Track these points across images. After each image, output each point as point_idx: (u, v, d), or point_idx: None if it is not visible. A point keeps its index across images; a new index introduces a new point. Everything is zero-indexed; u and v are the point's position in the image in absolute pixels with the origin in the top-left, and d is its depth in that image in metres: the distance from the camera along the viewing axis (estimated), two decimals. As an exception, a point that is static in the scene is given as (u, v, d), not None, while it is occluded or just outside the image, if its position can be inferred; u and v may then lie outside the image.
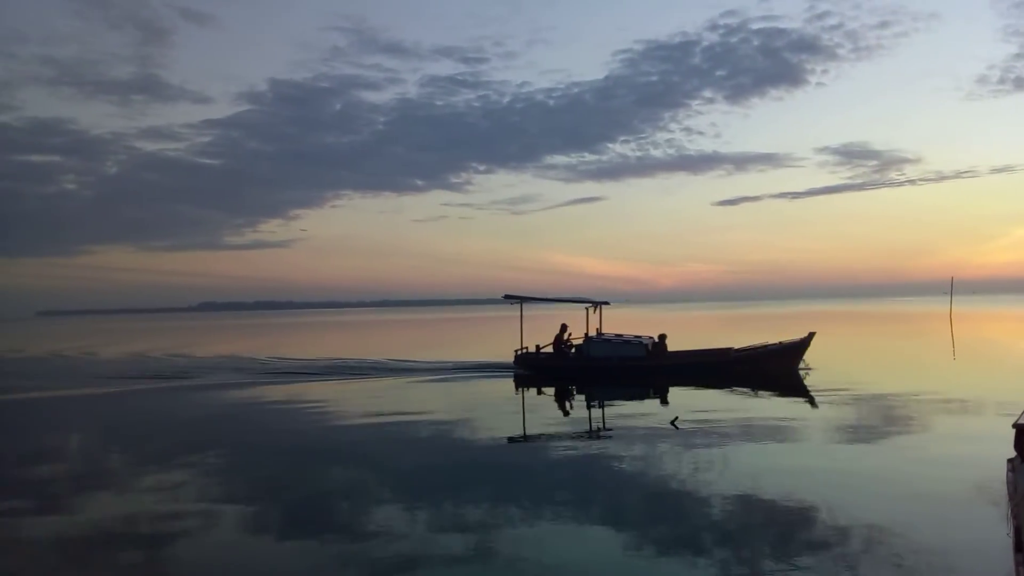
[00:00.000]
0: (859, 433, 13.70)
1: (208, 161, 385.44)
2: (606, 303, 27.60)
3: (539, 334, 27.15)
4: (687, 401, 18.70)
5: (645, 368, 24.34)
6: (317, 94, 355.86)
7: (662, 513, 8.82)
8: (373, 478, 11.25)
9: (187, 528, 8.74)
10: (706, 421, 15.10)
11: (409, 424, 16.02)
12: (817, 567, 6.80)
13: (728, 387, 21.11)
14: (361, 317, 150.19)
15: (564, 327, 26.13)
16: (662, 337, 25.65)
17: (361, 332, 74.58)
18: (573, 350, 25.80)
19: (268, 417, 18.51)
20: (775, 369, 23.73)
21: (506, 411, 18.57)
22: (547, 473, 11.37)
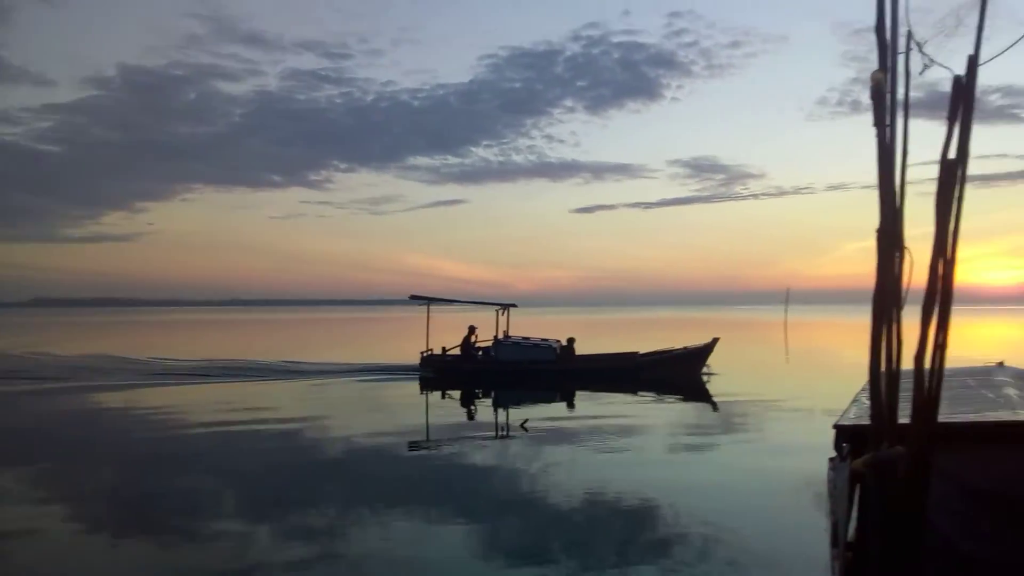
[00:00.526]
0: (704, 435, 14.27)
1: (47, 148, 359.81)
2: (513, 305, 27.44)
3: (437, 335, 26.46)
4: (587, 405, 18.97)
5: (553, 372, 24.35)
6: (170, 82, 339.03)
7: (508, 517, 8.84)
8: (222, 485, 10.74)
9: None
10: (570, 425, 15.30)
11: (277, 429, 15.38)
12: (652, 565, 6.98)
13: (634, 391, 21.26)
14: (212, 316, 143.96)
15: (472, 329, 25.82)
16: (570, 341, 25.78)
17: (230, 331, 71.68)
18: (480, 352, 25.61)
19: (113, 422, 17.36)
20: (680, 374, 24.14)
21: (385, 413, 18.19)
22: (400, 477, 11.20)
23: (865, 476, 4.39)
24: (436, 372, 25.34)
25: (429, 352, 25.83)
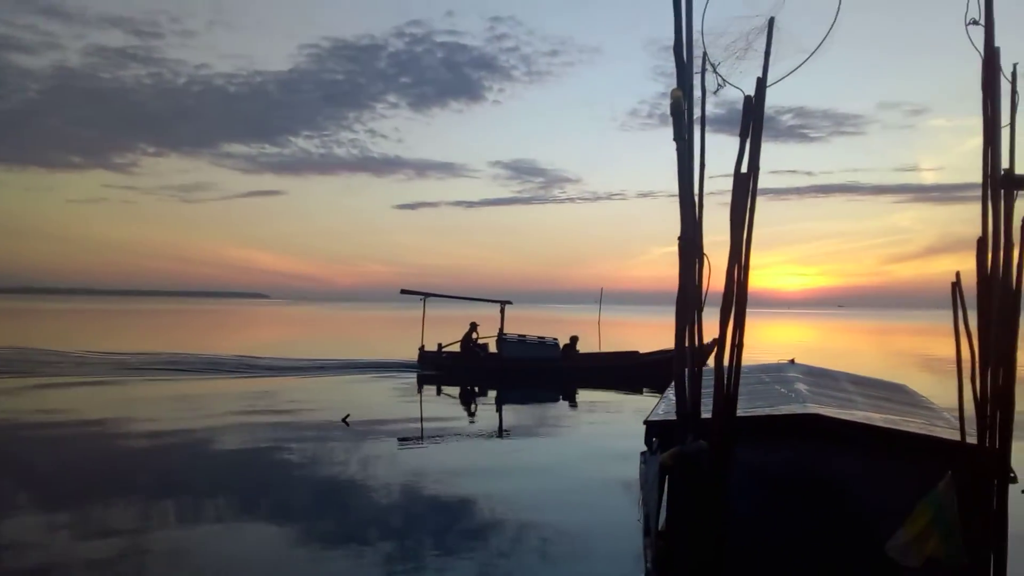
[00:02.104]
0: (524, 432, 14.64)
1: None
2: (509, 302, 26.51)
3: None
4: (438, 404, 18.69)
5: (557, 370, 23.85)
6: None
7: (327, 512, 8.72)
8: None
9: None
10: (399, 422, 15.14)
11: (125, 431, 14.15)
12: (468, 556, 7.13)
13: (633, 390, 21.07)
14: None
15: (474, 326, 25.21)
16: (574, 339, 25.40)
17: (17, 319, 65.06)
18: (483, 350, 25.09)
19: None
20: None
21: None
22: (227, 473, 10.64)
23: (672, 468, 4.69)
24: (436, 370, 24.64)
25: (422, 349, 25.37)
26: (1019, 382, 4.17)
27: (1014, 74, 4.09)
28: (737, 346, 4.35)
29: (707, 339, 4.51)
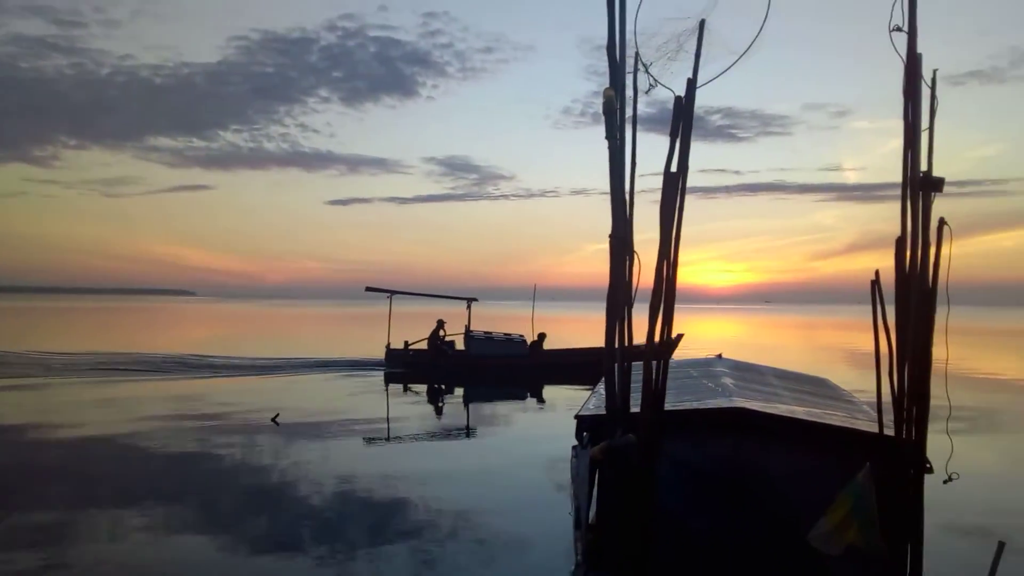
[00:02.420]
0: (463, 426, 14.61)
1: None
2: (475, 300, 26.85)
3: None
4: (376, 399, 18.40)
5: (526, 366, 23.88)
6: None
7: (259, 511, 8.55)
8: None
9: None
10: (326, 419, 14.93)
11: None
12: (403, 549, 7.10)
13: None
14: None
15: (441, 323, 25.19)
16: (541, 336, 25.48)
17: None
18: (451, 348, 25.19)
19: None
20: None
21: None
22: (155, 477, 10.32)
23: (602, 462, 4.74)
24: (403, 367, 24.59)
25: (389, 347, 25.24)
26: (936, 376, 4.32)
27: (934, 80, 4.23)
28: (666, 342, 4.41)
29: (674, 334, 4.57)
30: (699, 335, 49.62)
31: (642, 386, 4.41)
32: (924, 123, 4.19)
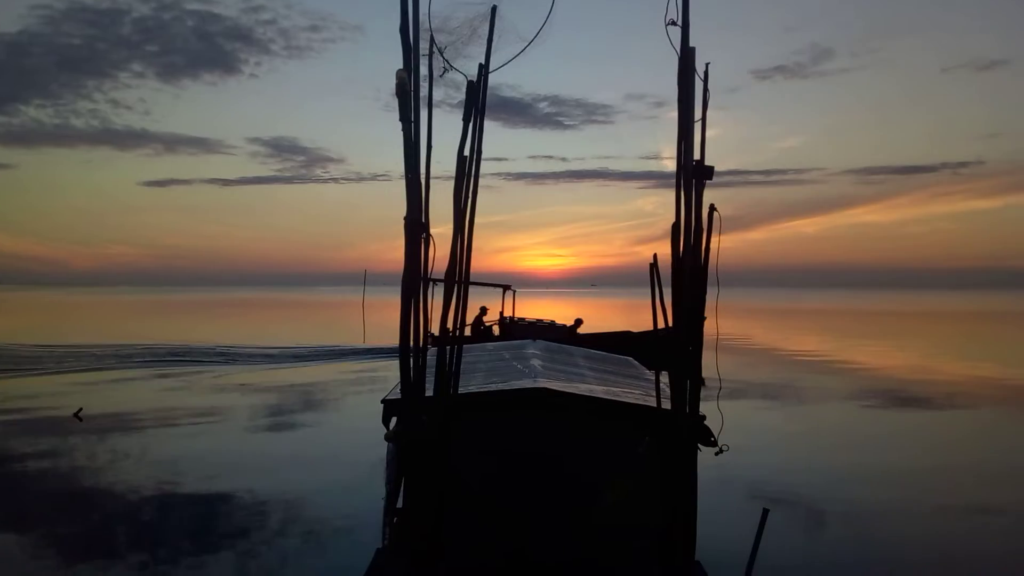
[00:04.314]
0: (285, 414, 14.25)
1: None
2: (509, 287, 27.67)
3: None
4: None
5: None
6: None
7: (71, 515, 7.99)
8: None
9: None
10: (141, 414, 14.05)
11: None
12: (229, 548, 6.91)
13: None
14: None
15: (484, 309, 26.02)
16: (578, 321, 26.21)
17: None
18: (494, 332, 25.64)
19: None
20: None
21: None
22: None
23: (402, 445, 4.75)
24: None
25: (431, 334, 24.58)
26: (732, 353, 4.61)
27: (706, 73, 4.48)
28: (461, 324, 4.47)
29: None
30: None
31: (436, 369, 4.45)
32: (697, 114, 4.44)
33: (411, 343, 4.40)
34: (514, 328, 26.46)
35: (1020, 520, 8.27)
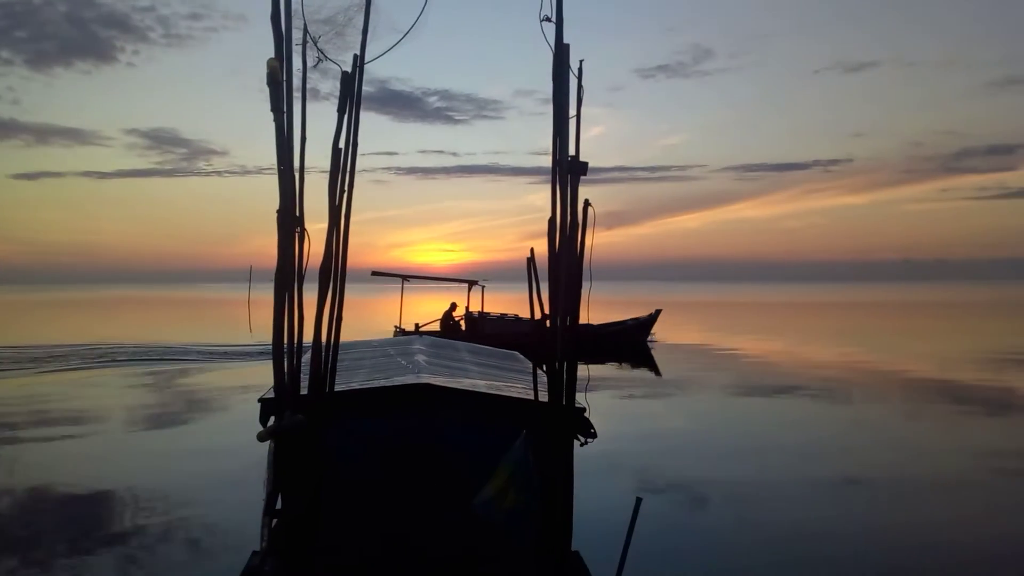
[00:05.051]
0: (166, 413, 13.77)
1: None
2: (475, 282, 28.48)
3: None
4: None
5: (531, 344, 23.48)
6: None
7: None
8: None
9: None
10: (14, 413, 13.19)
11: None
12: (104, 552, 6.72)
13: (599, 361, 22.35)
14: None
15: (453, 305, 26.93)
16: (545, 316, 25.30)
17: None
18: (463, 327, 26.38)
19: None
20: (631, 342, 27.51)
21: None
22: None
23: (275, 444, 4.64)
24: None
25: (400, 329, 25.22)
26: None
27: (580, 69, 4.55)
28: (336, 320, 4.40)
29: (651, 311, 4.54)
30: (415, 314, 50.67)
31: (310, 366, 4.37)
32: (573, 111, 4.50)
33: (284, 340, 4.30)
34: (483, 323, 27.04)
35: (884, 490, 8.85)
